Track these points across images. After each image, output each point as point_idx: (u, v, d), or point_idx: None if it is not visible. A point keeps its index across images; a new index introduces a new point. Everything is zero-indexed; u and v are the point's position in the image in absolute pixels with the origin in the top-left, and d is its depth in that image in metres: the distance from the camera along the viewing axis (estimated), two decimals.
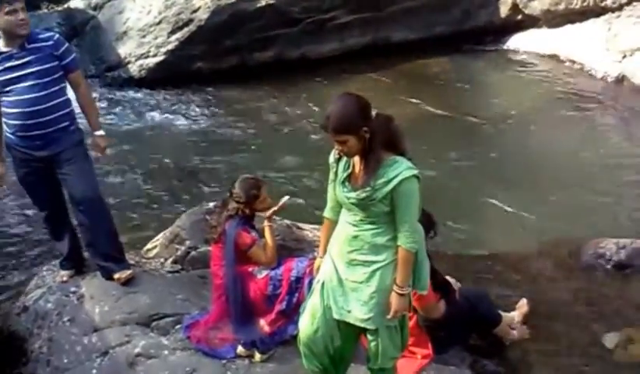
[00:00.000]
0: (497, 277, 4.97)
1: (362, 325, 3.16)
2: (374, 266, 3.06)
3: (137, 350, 3.90)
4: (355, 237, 3.07)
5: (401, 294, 3.05)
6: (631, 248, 5.16)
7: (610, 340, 4.33)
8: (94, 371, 3.84)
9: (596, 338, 4.35)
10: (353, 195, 3.00)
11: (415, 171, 2.93)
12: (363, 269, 3.08)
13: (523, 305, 4.45)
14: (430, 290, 3.76)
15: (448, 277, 4.12)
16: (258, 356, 3.86)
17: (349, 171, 3.03)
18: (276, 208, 4.07)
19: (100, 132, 4.35)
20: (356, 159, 3.01)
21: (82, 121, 4.33)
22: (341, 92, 3.09)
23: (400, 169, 2.91)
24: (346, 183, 3.04)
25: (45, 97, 4.00)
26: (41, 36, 4.09)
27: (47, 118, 4.02)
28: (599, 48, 9.66)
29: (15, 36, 3.93)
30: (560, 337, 4.36)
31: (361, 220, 3.05)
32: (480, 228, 6.07)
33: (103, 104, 8.74)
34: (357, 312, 3.13)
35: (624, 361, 4.17)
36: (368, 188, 2.94)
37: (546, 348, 4.24)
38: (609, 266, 5.09)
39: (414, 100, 8.88)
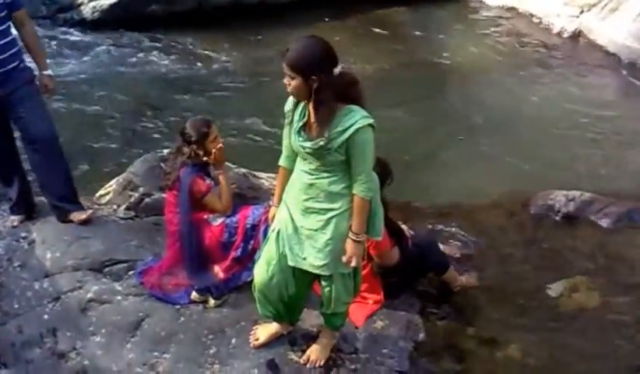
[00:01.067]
0: (449, 226, 5.04)
1: (317, 272, 3.20)
2: (330, 214, 3.08)
3: (89, 295, 3.88)
4: (311, 185, 3.08)
5: (357, 241, 3.08)
6: (579, 200, 5.29)
7: (556, 288, 4.46)
8: (45, 316, 3.81)
9: (542, 287, 4.48)
10: (308, 144, 2.99)
11: (370, 120, 2.92)
12: (319, 216, 3.10)
13: (471, 279, 4.50)
14: (386, 237, 3.82)
15: (401, 225, 4.18)
16: (212, 301, 3.89)
17: (305, 119, 3.01)
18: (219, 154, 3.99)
19: (48, 72, 4.23)
20: (312, 108, 2.98)
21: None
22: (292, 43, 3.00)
23: (356, 118, 2.90)
24: (302, 132, 3.02)
25: None
26: None
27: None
28: (557, 2, 9.72)
29: None
30: (507, 285, 4.48)
31: (317, 169, 3.05)
32: (434, 178, 6.15)
33: (54, 47, 8.47)
34: (312, 259, 3.16)
35: (569, 309, 4.31)
36: (324, 138, 2.93)
37: (494, 296, 4.36)
38: (558, 218, 5.22)
39: (374, 50, 8.85)
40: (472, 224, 5.13)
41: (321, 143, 2.94)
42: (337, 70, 2.90)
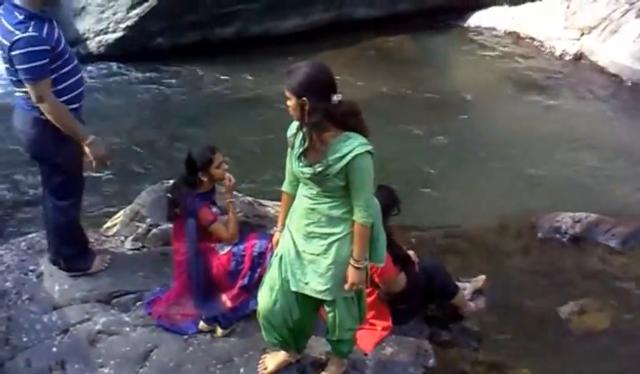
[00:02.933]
0: (456, 251, 5.05)
1: (319, 296, 3.20)
2: (331, 239, 3.09)
3: (98, 327, 3.87)
4: (312, 210, 3.10)
5: (357, 268, 3.09)
6: (586, 221, 5.29)
7: (565, 311, 4.45)
8: (54, 349, 3.81)
9: (551, 309, 4.47)
10: (307, 170, 3.01)
11: (369, 147, 2.93)
12: (321, 241, 3.11)
13: (479, 280, 4.54)
14: (391, 264, 3.82)
15: (407, 251, 4.18)
16: (219, 331, 3.88)
17: (306, 145, 3.01)
18: (230, 183, 4.03)
19: None
20: (305, 132, 2.98)
21: None
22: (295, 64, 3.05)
23: (354, 145, 2.92)
24: (302, 158, 3.04)
25: None
26: None
27: None
28: (557, 26, 9.81)
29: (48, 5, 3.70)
30: (516, 308, 4.47)
31: (317, 194, 3.07)
32: (439, 203, 6.15)
33: None
34: (314, 284, 3.16)
35: (578, 330, 4.29)
36: (322, 164, 2.95)
37: (503, 319, 4.35)
38: (565, 240, 5.22)
39: (375, 77, 8.91)
40: (479, 247, 5.14)
41: (319, 169, 2.96)
42: (337, 98, 2.92)
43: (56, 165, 3.86)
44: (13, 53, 3.48)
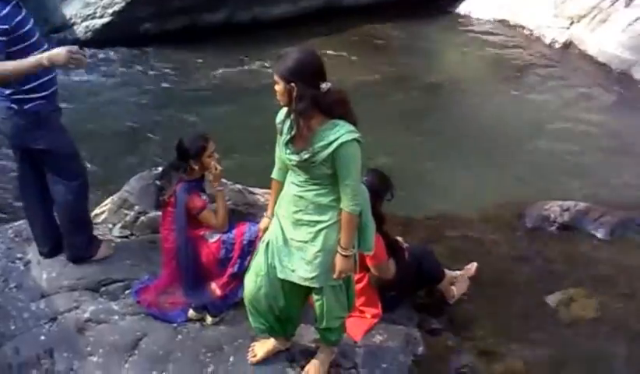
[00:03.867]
0: (444, 240, 5.06)
1: (306, 284, 3.18)
2: (319, 226, 3.08)
3: (86, 315, 3.85)
4: (300, 197, 3.08)
5: (345, 256, 3.08)
6: (574, 210, 5.31)
7: (553, 299, 4.47)
8: (42, 337, 3.78)
9: (539, 298, 4.49)
10: (294, 157, 3.00)
11: (355, 135, 2.92)
12: (308, 228, 3.10)
13: (471, 268, 4.56)
14: (382, 248, 3.81)
15: (397, 238, 4.18)
16: (209, 319, 3.87)
17: (293, 132, 2.99)
18: (217, 171, 4.00)
19: None
20: (293, 118, 2.96)
21: None
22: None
23: (340, 132, 2.90)
24: (289, 145, 3.02)
25: None
26: None
27: None
28: (547, 14, 9.82)
29: None
30: (504, 297, 4.48)
31: (305, 181, 3.05)
32: (427, 191, 6.17)
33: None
34: (302, 271, 3.15)
35: (566, 320, 4.32)
36: (308, 151, 2.93)
37: (491, 307, 4.36)
38: (553, 228, 5.24)
39: (364, 64, 8.90)
40: (467, 236, 5.15)
41: (306, 156, 2.95)
42: (326, 86, 2.90)
43: (46, 150, 3.82)
44: None
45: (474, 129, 7.33)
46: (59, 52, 3.45)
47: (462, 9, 10.70)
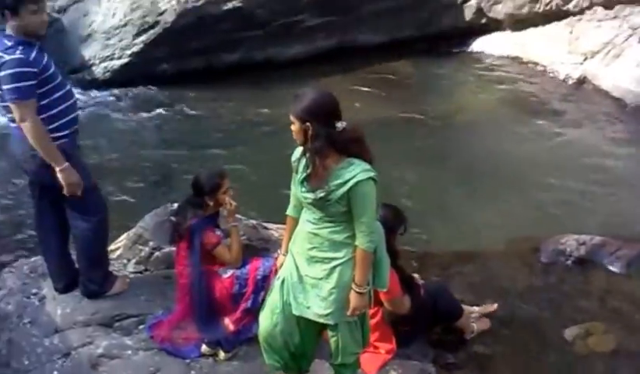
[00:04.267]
0: (460, 275, 5.03)
1: (321, 320, 3.18)
2: (334, 263, 3.09)
3: (99, 350, 3.86)
4: (315, 234, 3.10)
5: (359, 293, 3.08)
6: (590, 244, 5.27)
7: (570, 333, 4.41)
8: (55, 372, 3.79)
9: (556, 332, 4.43)
10: (310, 195, 3.03)
11: (371, 174, 2.94)
12: (323, 265, 3.11)
13: (489, 307, 4.51)
14: (397, 284, 3.80)
15: (412, 274, 4.16)
16: (222, 355, 3.86)
17: (309, 170, 3.03)
18: (232, 207, 4.03)
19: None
20: (309, 157, 3.00)
21: None
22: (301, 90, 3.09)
23: (356, 171, 2.93)
24: (305, 183, 3.06)
25: None
26: None
27: None
28: (561, 51, 9.86)
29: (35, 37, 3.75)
30: (521, 332, 4.43)
31: (320, 219, 3.07)
32: (444, 227, 6.14)
33: None
34: (317, 308, 3.15)
35: (583, 353, 4.26)
36: (324, 190, 2.96)
37: (508, 343, 4.31)
38: (569, 262, 5.19)
39: (379, 102, 8.96)
40: (484, 271, 5.11)
41: (321, 195, 2.97)
42: (341, 125, 2.95)
43: None
44: (0, 74, 3.57)
45: (489, 165, 7.32)
46: (71, 176, 3.75)
47: (475, 47, 10.76)
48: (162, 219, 4.67)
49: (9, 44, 3.63)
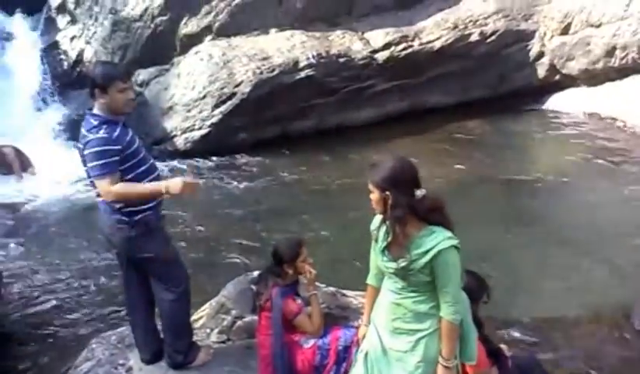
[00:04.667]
0: (548, 343, 4.84)
1: None
2: (419, 335, 3.03)
3: None
4: (397, 304, 3.06)
5: (447, 367, 3.00)
6: None
7: None
8: None
9: None
10: (391, 264, 3.01)
11: (454, 242, 2.91)
12: (408, 337, 3.06)
13: None
14: (484, 356, 3.68)
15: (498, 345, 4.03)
16: None
17: (389, 239, 3.02)
18: (311, 275, 4.05)
19: None
20: (389, 225, 2.99)
21: None
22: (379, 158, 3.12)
23: (438, 240, 2.90)
24: (386, 252, 3.05)
25: None
26: None
27: None
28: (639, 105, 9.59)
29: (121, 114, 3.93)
30: None
31: (403, 288, 3.04)
32: (529, 292, 5.95)
33: None
34: None
35: None
36: (405, 259, 2.94)
37: None
38: None
39: (454, 164, 8.89)
40: (573, 338, 4.91)
41: (403, 264, 2.94)
42: (420, 193, 2.94)
43: (153, 258, 3.99)
44: (85, 152, 3.75)
45: (573, 225, 7.10)
46: (177, 182, 3.74)
47: (549, 104, 10.62)
48: (243, 287, 4.72)
49: (95, 123, 3.78)
